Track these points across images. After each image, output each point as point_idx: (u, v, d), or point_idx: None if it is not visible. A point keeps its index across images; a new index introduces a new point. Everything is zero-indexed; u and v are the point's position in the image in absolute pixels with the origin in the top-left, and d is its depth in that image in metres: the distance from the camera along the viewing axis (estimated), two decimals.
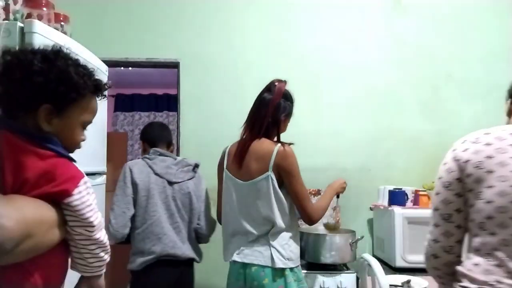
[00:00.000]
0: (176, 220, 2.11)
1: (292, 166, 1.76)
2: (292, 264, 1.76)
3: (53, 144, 0.96)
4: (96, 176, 2.09)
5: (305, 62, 2.90)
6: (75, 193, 0.94)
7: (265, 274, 1.72)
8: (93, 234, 0.98)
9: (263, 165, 1.75)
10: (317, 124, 2.87)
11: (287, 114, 1.86)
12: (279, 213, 1.75)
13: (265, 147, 1.77)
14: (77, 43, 1.86)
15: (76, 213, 0.94)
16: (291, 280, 1.73)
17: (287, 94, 1.86)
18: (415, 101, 2.90)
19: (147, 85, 6.16)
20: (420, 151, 2.87)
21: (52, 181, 0.91)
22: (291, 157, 1.76)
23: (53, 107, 0.95)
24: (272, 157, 1.74)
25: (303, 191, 1.77)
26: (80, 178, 0.97)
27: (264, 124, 1.79)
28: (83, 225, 0.96)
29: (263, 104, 1.82)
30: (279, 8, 2.92)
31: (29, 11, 1.77)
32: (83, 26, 2.64)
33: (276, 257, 1.72)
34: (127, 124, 6.41)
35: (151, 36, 2.87)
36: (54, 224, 0.92)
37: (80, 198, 0.94)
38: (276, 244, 1.74)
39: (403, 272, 2.09)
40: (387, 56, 2.92)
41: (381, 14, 2.94)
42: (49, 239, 0.91)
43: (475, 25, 2.88)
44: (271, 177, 1.74)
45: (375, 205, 2.66)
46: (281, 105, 1.82)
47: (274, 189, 1.74)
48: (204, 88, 2.85)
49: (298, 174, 1.77)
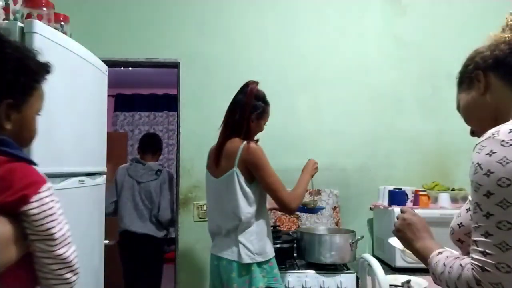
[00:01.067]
0: (140, 208, 3.04)
1: (258, 160, 1.82)
2: (260, 259, 1.81)
3: (7, 146, 0.85)
4: (96, 176, 2.09)
5: (305, 62, 2.90)
6: (33, 200, 0.82)
7: (232, 268, 1.80)
8: (54, 249, 0.84)
9: (231, 162, 1.85)
10: (317, 124, 2.87)
11: (259, 113, 1.93)
12: (245, 208, 1.82)
13: (233, 145, 1.86)
14: (77, 43, 1.86)
15: (34, 224, 0.82)
16: (257, 275, 1.78)
17: (258, 95, 1.94)
18: (415, 101, 2.90)
19: (147, 85, 6.17)
20: (420, 151, 2.87)
21: (8, 189, 0.80)
22: (256, 151, 1.83)
23: (14, 101, 0.86)
24: (238, 154, 1.83)
25: (273, 181, 1.83)
26: (42, 184, 0.86)
27: (236, 124, 1.88)
28: (42, 238, 0.83)
29: (236, 105, 1.92)
30: (279, 8, 2.92)
31: (29, 11, 1.77)
32: (83, 26, 2.64)
33: (243, 252, 1.78)
34: (127, 124, 6.41)
35: (151, 36, 2.87)
36: (8, 241, 0.80)
37: (40, 206, 0.82)
38: (242, 239, 1.80)
39: (403, 272, 2.09)
40: (387, 56, 2.92)
41: (381, 14, 2.94)
42: (4, 258, 0.79)
43: (475, 25, 2.88)
44: (236, 173, 1.82)
45: (375, 205, 2.66)
46: (251, 105, 1.90)
47: (240, 184, 1.82)
48: (204, 88, 2.85)
49: (265, 166, 1.83)
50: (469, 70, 1.02)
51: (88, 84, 2.00)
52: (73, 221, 1.78)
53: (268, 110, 1.99)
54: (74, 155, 1.82)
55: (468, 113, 1.06)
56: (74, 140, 1.83)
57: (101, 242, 2.18)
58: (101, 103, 2.19)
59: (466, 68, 1.04)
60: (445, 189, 2.66)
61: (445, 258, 0.92)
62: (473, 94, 1.02)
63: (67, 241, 0.87)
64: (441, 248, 0.98)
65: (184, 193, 2.81)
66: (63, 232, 0.86)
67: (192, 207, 2.78)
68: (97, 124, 2.11)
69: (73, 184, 1.81)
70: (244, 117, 1.89)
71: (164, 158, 6.40)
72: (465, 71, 1.05)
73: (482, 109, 1.00)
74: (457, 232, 1.03)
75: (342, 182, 2.83)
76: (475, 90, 1.01)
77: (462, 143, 2.85)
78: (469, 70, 1.03)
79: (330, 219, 2.77)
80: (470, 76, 1.02)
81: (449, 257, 0.92)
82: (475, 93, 1.01)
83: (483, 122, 1.00)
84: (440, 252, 0.96)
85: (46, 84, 0.97)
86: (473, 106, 1.03)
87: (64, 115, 1.73)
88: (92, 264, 2.04)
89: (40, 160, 1.52)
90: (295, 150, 2.85)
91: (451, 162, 2.86)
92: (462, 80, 1.07)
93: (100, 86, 2.16)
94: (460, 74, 1.07)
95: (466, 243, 0.97)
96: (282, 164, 2.82)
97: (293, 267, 2.32)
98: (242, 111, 1.89)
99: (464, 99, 1.05)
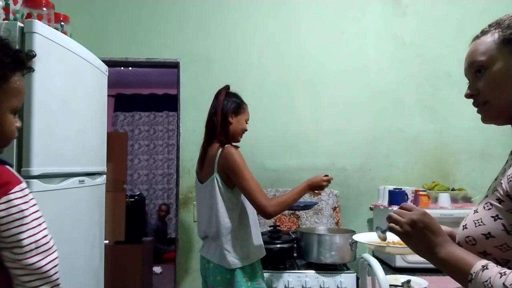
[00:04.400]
0: None
1: (234, 165, 1.79)
2: (245, 263, 1.82)
3: None
4: (96, 176, 2.09)
5: (305, 62, 2.90)
6: (1, 202, 0.75)
7: (218, 272, 1.82)
8: (23, 257, 0.75)
9: (211, 168, 1.86)
10: (317, 124, 2.87)
11: (235, 108, 1.93)
12: (226, 213, 1.82)
13: (214, 151, 1.86)
14: (77, 43, 1.86)
15: (0, 228, 0.74)
16: (240, 280, 1.80)
17: (230, 93, 1.96)
18: (415, 101, 2.90)
19: (147, 85, 6.17)
20: (420, 151, 2.87)
21: None
22: (232, 156, 1.80)
23: None
24: (216, 160, 1.83)
25: (249, 185, 1.78)
26: (15, 184, 0.78)
27: (216, 129, 1.89)
28: (8, 246, 0.74)
29: (211, 109, 1.95)
30: (279, 8, 2.92)
31: (29, 11, 1.77)
32: (83, 26, 2.65)
33: (227, 258, 1.80)
34: (127, 124, 6.42)
35: (151, 36, 2.87)
36: None
37: (8, 209, 0.75)
38: (226, 245, 1.81)
39: (403, 272, 2.09)
40: (387, 56, 2.92)
41: (381, 14, 2.94)
42: None
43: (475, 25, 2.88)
44: (216, 178, 1.83)
45: (375, 205, 2.66)
46: (224, 102, 1.91)
47: (219, 189, 1.83)
48: (204, 88, 2.84)
49: (242, 170, 1.79)
50: None
51: (88, 84, 2.00)
52: (73, 221, 1.80)
53: (244, 106, 1.97)
54: (74, 155, 1.82)
55: (502, 81, 0.87)
56: (74, 140, 1.83)
57: (101, 242, 2.18)
58: (101, 103, 2.19)
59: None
60: (445, 189, 2.66)
61: (500, 276, 0.75)
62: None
63: (41, 249, 0.78)
64: (479, 259, 0.81)
65: (184, 193, 2.81)
66: (36, 239, 0.77)
67: (192, 207, 2.78)
68: (97, 124, 2.12)
69: (73, 184, 1.81)
70: (221, 116, 1.89)
71: (164, 158, 6.41)
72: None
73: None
74: (482, 244, 0.84)
75: (342, 182, 2.83)
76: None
77: (462, 143, 2.87)
78: None
79: (330, 219, 2.77)
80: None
81: (504, 274, 0.75)
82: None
83: (511, 102, 0.86)
84: (486, 267, 0.78)
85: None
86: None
87: (64, 115, 1.73)
88: (92, 264, 2.04)
89: (40, 160, 1.53)
90: (295, 150, 2.85)
91: (451, 162, 2.86)
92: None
93: (100, 86, 2.16)
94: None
95: (492, 256, 0.83)
96: (282, 164, 2.84)
97: (293, 267, 2.32)
98: (216, 110, 1.90)
99: (505, 63, 0.86)
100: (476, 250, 0.85)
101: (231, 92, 1.98)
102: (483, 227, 0.85)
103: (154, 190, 6.36)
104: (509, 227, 0.81)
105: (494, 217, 0.84)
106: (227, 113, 1.91)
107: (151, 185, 6.36)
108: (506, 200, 0.82)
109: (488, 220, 0.84)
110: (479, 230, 0.85)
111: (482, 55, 0.90)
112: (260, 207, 1.78)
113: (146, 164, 6.37)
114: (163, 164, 6.40)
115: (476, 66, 0.91)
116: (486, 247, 0.84)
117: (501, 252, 0.82)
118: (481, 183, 2.75)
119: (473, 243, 0.86)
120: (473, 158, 2.85)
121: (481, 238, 0.84)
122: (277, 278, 2.22)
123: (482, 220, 0.86)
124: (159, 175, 6.38)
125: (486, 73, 0.89)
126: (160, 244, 5.62)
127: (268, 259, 2.12)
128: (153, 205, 6.29)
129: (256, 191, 1.78)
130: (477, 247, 0.85)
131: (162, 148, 6.42)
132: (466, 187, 2.72)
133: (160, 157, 6.40)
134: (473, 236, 0.86)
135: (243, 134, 2.00)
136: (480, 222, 0.86)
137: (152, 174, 6.37)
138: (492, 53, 0.88)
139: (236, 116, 1.94)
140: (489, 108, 0.90)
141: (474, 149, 2.84)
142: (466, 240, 0.88)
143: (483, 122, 0.94)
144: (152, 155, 6.40)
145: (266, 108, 2.83)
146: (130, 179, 6.23)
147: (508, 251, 0.81)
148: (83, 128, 1.93)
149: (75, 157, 1.84)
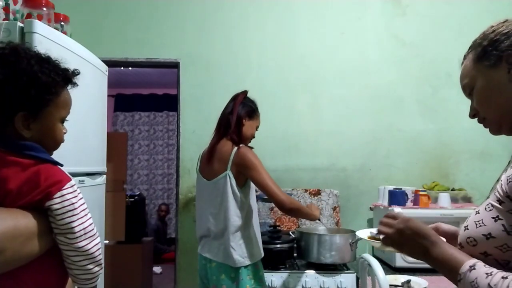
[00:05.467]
0: None
1: (250, 162, 1.84)
2: (248, 262, 1.84)
3: (33, 150, 0.93)
4: (96, 176, 2.09)
5: (305, 62, 2.90)
6: (56, 196, 0.89)
7: (222, 270, 1.83)
8: (74, 242, 0.92)
9: (223, 165, 1.88)
10: (317, 124, 2.87)
11: (250, 111, 1.97)
12: (235, 211, 1.85)
13: (226, 148, 1.89)
14: (77, 43, 1.86)
15: (56, 218, 0.89)
16: (245, 278, 1.82)
17: (249, 97, 2.02)
18: (415, 101, 2.90)
19: (147, 85, 6.17)
20: (420, 151, 2.87)
21: (36, 188, 0.88)
22: (248, 154, 1.86)
23: (28, 113, 0.92)
24: (231, 158, 1.86)
25: (268, 183, 1.84)
26: (66, 182, 0.94)
27: (228, 127, 1.92)
28: (63, 232, 0.91)
29: (227, 108, 1.99)
30: (279, 8, 2.92)
31: (29, 11, 1.77)
32: (83, 26, 2.64)
33: (233, 256, 1.81)
34: (127, 124, 6.42)
35: (151, 36, 2.87)
36: (33, 234, 0.86)
37: (62, 202, 0.90)
38: (233, 243, 1.83)
39: (403, 272, 2.09)
40: (387, 56, 2.92)
41: (381, 14, 2.94)
42: (27, 251, 0.85)
43: (475, 25, 2.88)
44: (229, 175, 1.85)
45: (375, 205, 2.66)
46: (242, 103, 1.97)
47: (231, 187, 1.85)
48: (204, 88, 2.85)
49: (258, 167, 1.85)
50: (502, 48, 0.88)
51: (88, 84, 2.00)
52: None
53: (258, 114, 2.04)
54: (74, 155, 1.82)
55: (486, 96, 0.91)
56: (74, 140, 1.82)
57: (101, 242, 2.18)
58: (101, 103, 2.19)
59: (497, 44, 0.89)
60: (445, 189, 2.66)
61: (486, 276, 0.78)
62: (499, 77, 0.88)
63: (88, 234, 0.95)
64: (468, 258, 0.84)
65: (184, 193, 2.81)
66: (84, 226, 0.94)
67: (192, 207, 2.78)
68: (97, 124, 2.11)
69: None
70: (235, 115, 1.93)
71: (164, 158, 6.41)
72: (494, 46, 0.89)
73: (508, 98, 0.87)
74: (483, 244, 0.85)
75: (342, 182, 2.83)
76: (502, 72, 0.88)
77: (462, 143, 2.86)
78: (501, 48, 0.88)
79: (330, 219, 2.77)
80: (501, 54, 0.87)
81: (491, 274, 0.78)
82: (502, 77, 0.88)
83: (503, 113, 0.89)
84: (473, 267, 0.81)
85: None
86: (497, 91, 0.89)
87: None
88: None
89: None
90: (295, 150, 2.85)
91: (451, 162, 2.86)
92: (486, 54, 0.90)
93: (100, 86, 2.16)
94: (483, 47, 0.91)
95: (492, 257, 0.84)
96: (282, 164, 2.84)
97: (293, 267, 2.32)
98: (233, 110, 1.94)
99: (484, 79, 0.90)
100: (477, 251, 0.86)
101: (249, 97, 2.03)
102: (484, 228, 0.85)
103: (154, 190, 6.36)
104: (509, 227, 0.81)
105: (495, 218, 0.84)
106: (242, 115, 1.95)
107: (151, 185, 6.36)
108: (506, 201, 0.83)
109: (489, 221, 0.85)
110: (479, 231, 0.86)
111: (465, 77, 0.96)
112: (280, 202, 1.84)
113: (146, 164, 6.38)
114: (163, 164, 6.41)
115: (466, 89, 0.97)
116: (487, 247, 0.84)
117: (501, 253, 0.82)
118: (481, 183, 2.75)
119: (474, 244, 0.87)
120: (473, 158, 2.85)
121: (482, 238, 0.85)
122: (277, 278, 2.22)
123: (483, 221, 0.86)
124: (159, 175, 6.38)
125: (474, 93, 0.94)
126: (160, 244, 5.62)
127: (268, 259, 2.12)
128: (153, 205, 6.29)
129: (275, 187, 1.85)
130: (478, 248, 0.86)
131: (162, 148, 6.42)
132: (466, 187, 2.72)
133: (160, 157, 6.41)
134: (474, 236, 0.87)
135: (251, 139, 2.03)
136: (481, 223, 0.86)
137: (152, 174, 6.37)
138: (472, 73, 0.94)
139: (249, 120, 1.98)
140: (489, 123, 0.94)
141: (474, 149, 2.84)
142: (467, 240, 0.88)
143: (493, 134, 0.97)
144: (152, 155, 6.40)
145: (266, 108, 2.82)
146: (130, 179, 6.23)
147: (509, 251, 0.81)
148: (83, 128, 1.93)
149: (75, 157, 1.84)
